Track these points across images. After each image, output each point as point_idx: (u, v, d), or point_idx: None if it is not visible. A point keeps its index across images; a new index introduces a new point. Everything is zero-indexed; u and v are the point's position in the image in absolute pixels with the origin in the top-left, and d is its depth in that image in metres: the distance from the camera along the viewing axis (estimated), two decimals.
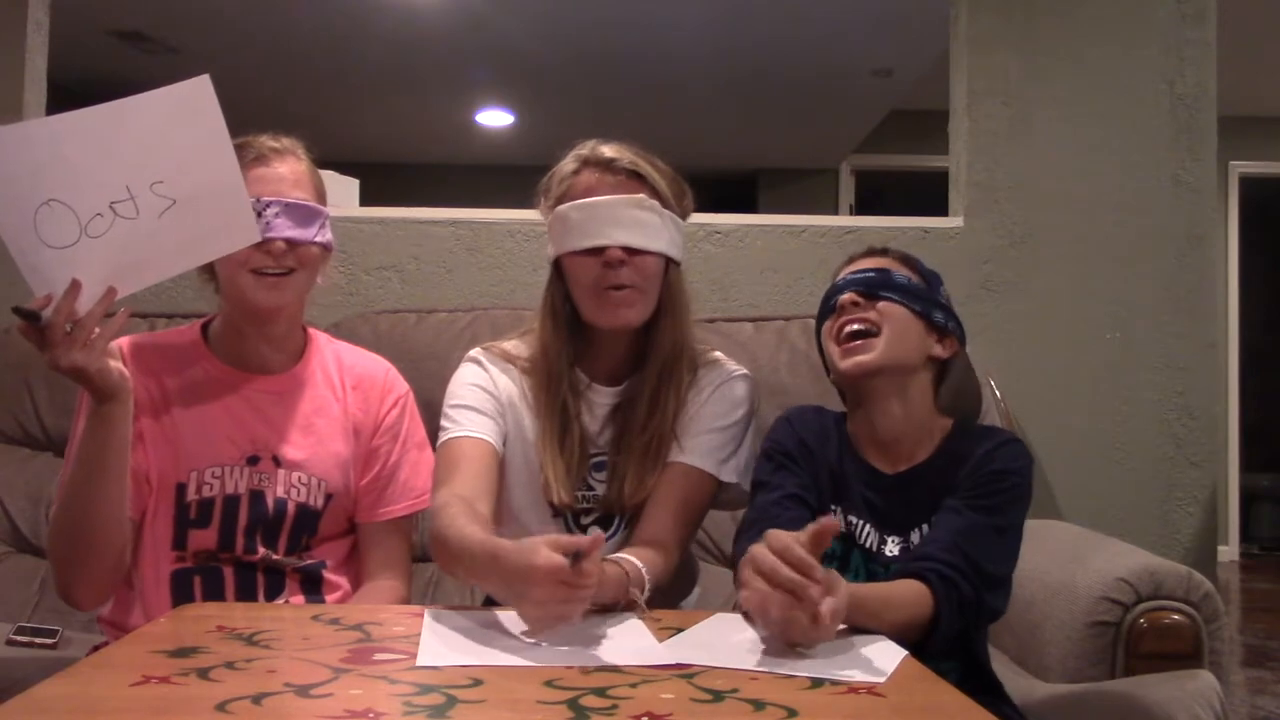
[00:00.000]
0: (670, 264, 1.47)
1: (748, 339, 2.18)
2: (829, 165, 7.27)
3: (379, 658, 0.99)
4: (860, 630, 1.10)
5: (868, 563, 1.33)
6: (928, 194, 3.58)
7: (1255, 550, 6.52)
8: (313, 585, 1.52)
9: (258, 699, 0.84)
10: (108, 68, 5.43)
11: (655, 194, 1.43)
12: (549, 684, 0.90)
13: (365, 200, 2.77)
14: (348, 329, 2.12)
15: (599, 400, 1.50)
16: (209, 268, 1.52)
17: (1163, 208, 2.49)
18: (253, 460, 1.50)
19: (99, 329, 1.28)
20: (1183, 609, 1.52)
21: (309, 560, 1.53)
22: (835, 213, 7.02)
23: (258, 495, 1.49)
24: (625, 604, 1.22)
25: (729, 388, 1.51)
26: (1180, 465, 2.45)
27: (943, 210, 2.63)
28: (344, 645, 1.03)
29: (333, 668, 0.94)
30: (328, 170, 1.70)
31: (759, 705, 0.85)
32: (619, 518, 1.48)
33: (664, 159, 1.48)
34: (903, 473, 1.36)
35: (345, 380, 1.59)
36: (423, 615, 1.15)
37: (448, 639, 1.06)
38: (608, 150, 1.45)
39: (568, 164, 1.47)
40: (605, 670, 0.96)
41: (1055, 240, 2.50)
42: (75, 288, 1.25)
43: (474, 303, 2.36)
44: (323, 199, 1.54)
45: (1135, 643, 1.52)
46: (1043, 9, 2.53)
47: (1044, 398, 2.44)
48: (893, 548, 1.33)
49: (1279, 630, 4.48)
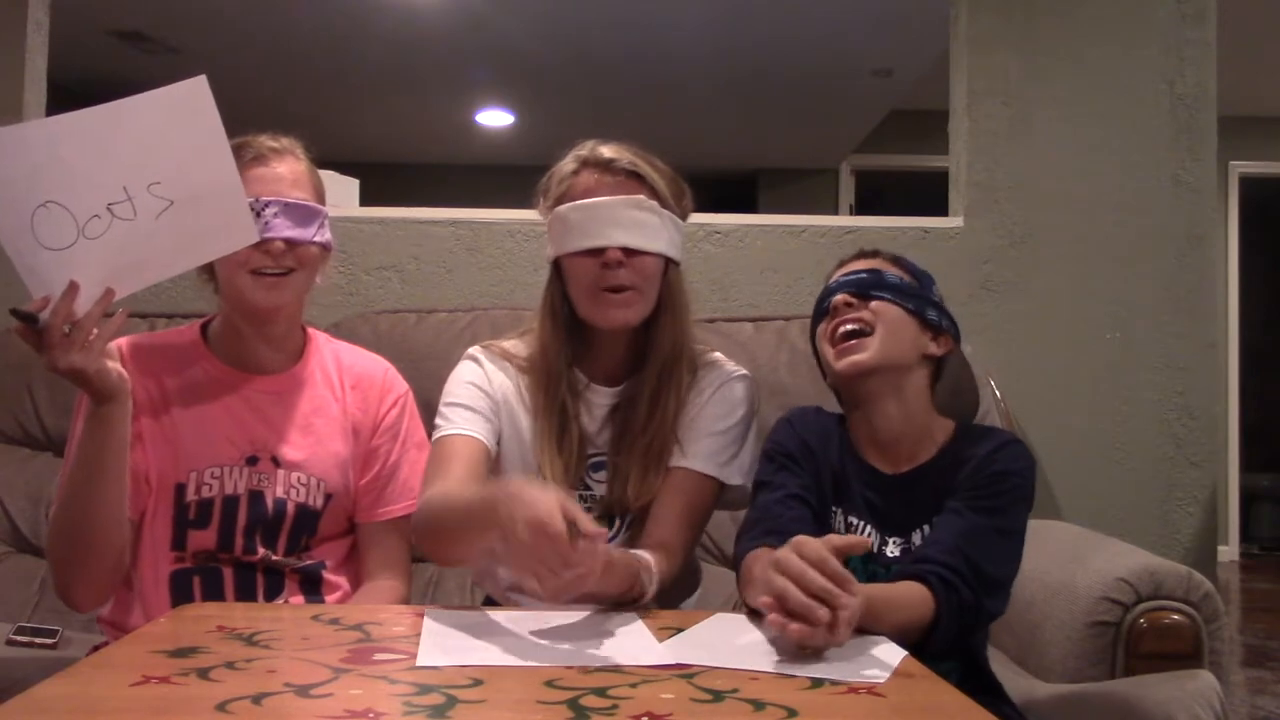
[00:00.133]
0: (670, 264, 1.47)
1: (748, 339, 2.18)
2: (829, 165, 7.27)
3: (379, 658, 0.99)
4: (861, 630, 1.10)
5: (868, 564, 1.33)
6: (928, 194, 3.58)
7: (1255, 550, 6.52)
8: (312, 585, 1.52)
9: (258, 699, 0.84)
10: (108, 68, 5.43)
11: (654, 194, 1.43)
12: (549, 684, 0.90)
13: (365, 200, 2.77)
14: (348, 329, 2.12)
15: (597, 401, 1.50)
16: (208, 268, 1.52)
17: (1163, 208, 2.49)
18: (252, 460, 1.50)
19: (97, 330, 1.28)
20: (1183, 609, 1.52)
21: (308, 560, 1.53)
22: (835, 213, 7.02)
23: (257, 495, 1.49)
24: (634, 596, 1.22)
25: (729, 389, 1.51)
26: (1180, 465, 2.45)
27: (943, 210, 2.63)
28: (344, 645, 1.03)
29: (333, 668, 0.94)
30: (327, 170, 1.70)
31: (759, 705, 0.85)
32: (620, 518, 1.48)
33: (664, 159, 1.48)
34: (904, 474, 1.36)
35: (344, 380, 1.59)
36: (423, 615, 1.15)
37: (448, 639, 1.06)
38: (607, 151, 1.45)
39: (567, 164, 1.47)
40: (605, 670, 0.96)
41: (1055, 240, 2.49)
42: (73, 289, 1.25)
43: (474, 303, 2.36)
44: (322, 199, 1.54)
45: (1135, 643, 1.52)
46: (1043, 9, 2.52)
47: (1044, 398, 2.44)
48: (894, 549, 1.33)
49: (1279, 630, 4.48)
